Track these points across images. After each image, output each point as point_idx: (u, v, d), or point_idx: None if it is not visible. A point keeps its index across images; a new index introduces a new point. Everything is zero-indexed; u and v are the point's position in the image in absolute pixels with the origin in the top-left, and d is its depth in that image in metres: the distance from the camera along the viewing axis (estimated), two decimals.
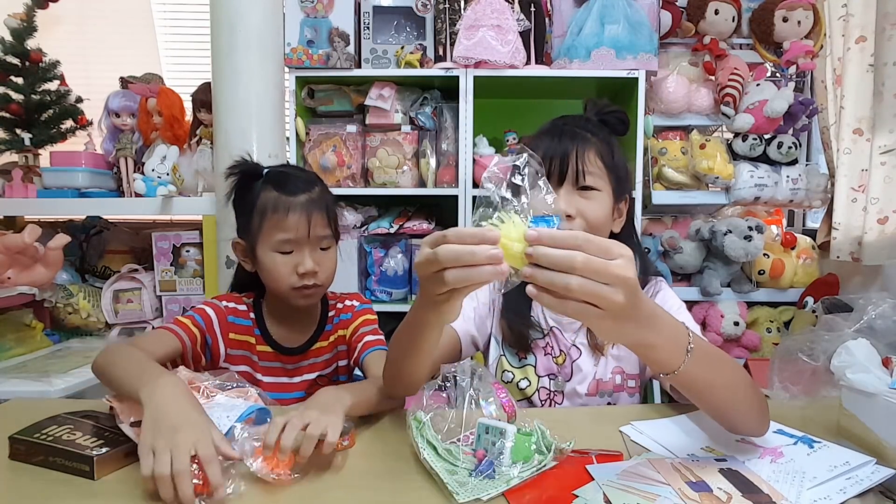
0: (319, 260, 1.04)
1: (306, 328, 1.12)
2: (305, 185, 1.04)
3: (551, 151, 0.92)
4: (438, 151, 1.98)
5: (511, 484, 0.65)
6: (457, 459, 0.70)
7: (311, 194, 1.03)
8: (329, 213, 1.05)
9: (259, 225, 1.02)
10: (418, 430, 0.74)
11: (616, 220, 0.99)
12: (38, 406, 0.92)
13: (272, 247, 1.02)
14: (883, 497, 0.65)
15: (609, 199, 0.94)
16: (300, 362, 1.11)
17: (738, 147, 2.00)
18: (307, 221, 1.00)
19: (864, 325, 0.98)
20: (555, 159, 0.92)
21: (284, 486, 0.67)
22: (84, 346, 1.76)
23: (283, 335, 1.11)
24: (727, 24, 2.02)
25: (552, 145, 0.93)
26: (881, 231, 1.79)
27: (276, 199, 1.01)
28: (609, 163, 0.94)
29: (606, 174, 0.94)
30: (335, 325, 1.14)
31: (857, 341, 0.82)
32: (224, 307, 1.09)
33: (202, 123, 1.98)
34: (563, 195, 0.91)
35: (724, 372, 0.69)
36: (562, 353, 1.00)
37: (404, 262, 1.96)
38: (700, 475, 0.66)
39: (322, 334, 1.13)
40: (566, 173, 0.92)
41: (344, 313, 1.15)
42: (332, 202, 1.07)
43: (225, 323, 1.08)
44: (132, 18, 2.65)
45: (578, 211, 0.91)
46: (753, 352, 2.02)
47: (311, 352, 1.12)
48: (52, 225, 2.02)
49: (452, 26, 1.89)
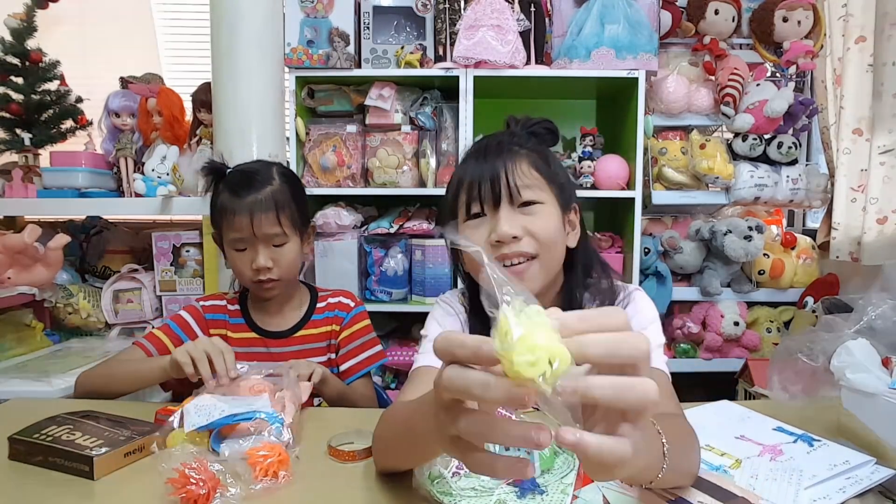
0: (274, 256, 1.09)
1: (291, 313, 1.20)
2: (255, 185, 1.09)
3: (479, 174, 0.83)
4: (438, 151, 1.98)
5: (569, 493, 0.63)
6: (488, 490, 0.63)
7: (260, 194, 1.08)
8: (281, 210, 1.08)
9: (219, 224, 1.12)
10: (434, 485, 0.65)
11: (570, 233, 0.88)
12: (37, 406, 0.92)
13: (229, 244, 1.11)
14: (883, 497, 0.65)
15: (555, 210, 0.85)
16: (286, 347, 1.17)
17: (738, 147, 2.00)
18: (251, 221, 1.06)
19: (863, 325, 0.99)
20: (484, 182, 0.82)
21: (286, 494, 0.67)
22: (84, 346, 1.76)
23: (268, 320, 1.19)
24: (727, 24, 2.02)
25: (478, 167, 0.84)
26: (880, 231, 1.79)
27: (227, 199, 1.09)
28: (546, 172, 0.85)
29: (546, 184, 0.84)
30: (327, 318, 1.20)
31: (856, 341, 0.82)
32: (201, 307, 1.19)
33: (202, 123, 1.98)
34: (504, 217, 0.81)
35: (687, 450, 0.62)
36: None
37: (404, 262, 1.96)
38: (674, 492, 0.64)
39: (309, 322, 1.19)
40: (500, 193, 0.82)
41: (339, 310, 1.21)
42: (289, 199, 1.11)
43: (203, 321, 1.18)
44: (132, 18, 2.65)
45: (524, 230, 0.81)
46: (753, 352, 2.02)
47: (298, 338, 1.18)
48: (52, 225, 2.02)
49: (452, 26, 1.89)
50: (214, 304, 1.21)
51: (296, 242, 1.13)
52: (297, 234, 1.13)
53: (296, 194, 1.14)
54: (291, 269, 1.14)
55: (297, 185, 1.17)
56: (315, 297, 1.23)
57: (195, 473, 0.63)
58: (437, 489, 0.64)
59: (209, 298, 1.23)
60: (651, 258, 1.99)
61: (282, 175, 1.14)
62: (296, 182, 1.17)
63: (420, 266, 1.95)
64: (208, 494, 0.63)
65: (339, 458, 0.75)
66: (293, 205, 1.12)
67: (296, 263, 1.15)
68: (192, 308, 1.19)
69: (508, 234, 0.80)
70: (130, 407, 0.92)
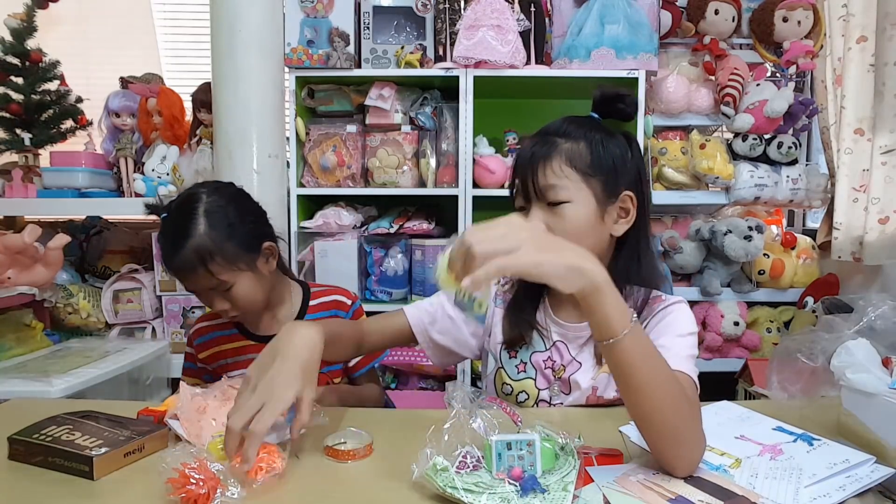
0: (226, 298, 1.06)
1: (283, 315, 1.18)
2: (177, 246, 1.01)
3: (518, 170, 0.91)
4: (438, 151, 1.98)
5: (570, 492, 0.63)
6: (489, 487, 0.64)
7: (180, 256, 1.00)
8: (210, 262, 1.00)
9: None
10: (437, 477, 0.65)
11: (620, 221, 0.90)
12: (37, 406, 0.92)
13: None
14: (882, 497, 0.65)
15: (587, 206, 0.87)
16: None
17: (738, 147, 2.00)
18: (185, 281, 1.05)
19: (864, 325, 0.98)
20: (517, 180, 0.91)
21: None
22: (84, 346, 1.76)
23: (260, 325, 1.17)
24: (727, 24, 2.02)
25: (520, 162, 0.91)
26: (882, 231, 1.79)
27: (162, 258, 1.07)
28: (584, 165, 0.87)
29: (581, 179, 0.87)
30: (322, 318, 1.18)
31: (856, 341, 0.82)
32: (191, 334, 1.20)
33: (202, 123, 1.98)
34: (534, 214, 0.88)
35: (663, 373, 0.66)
36: (562, 367, 0.98)
37: (404, 262, 1.96)
38: (674, 490, 0.64)
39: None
40: (530, 193, 0.88)
41: (336, 309, 1.20)
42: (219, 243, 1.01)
43: (203, 348, 1.18)
44: (132, 18, 2.65)
45: (549, 228, 0.86)
46: (753, 352, 2.02)
47: None
48: (52, 225, 2.02)
49: (452, 26, 1.89)
50: (206, 325, 1.19)
51: (245, 278, 1.05)
52: (243, 268, 1.05)
53: (229, 233, 1.03)
54: (251, 301, 1.08)
55: (228, 220, 1.04)
56: (308, 296, 1.20)
57: (195, 473, 0.63)
58: (440, 481, 0.64)
59: (199, 322, 1.21)
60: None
61: (207, 215, 1.02)
62: (226, 216, 1.04)
63: (420, 266, 1.95)
64: (208, 494, 0.63)
65: (336, 457, 0.75)
66: (225, 246, 1.02)
67: (255, 294, 1.07)
68: (189, 342, 1.21)
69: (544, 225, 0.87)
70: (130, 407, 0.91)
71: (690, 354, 0.86)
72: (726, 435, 0.77)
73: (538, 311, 1.00)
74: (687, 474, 0.67)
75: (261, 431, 0.67)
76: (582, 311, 0.67)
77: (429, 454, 0.66)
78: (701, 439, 0.68)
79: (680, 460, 0.67)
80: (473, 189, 1.90)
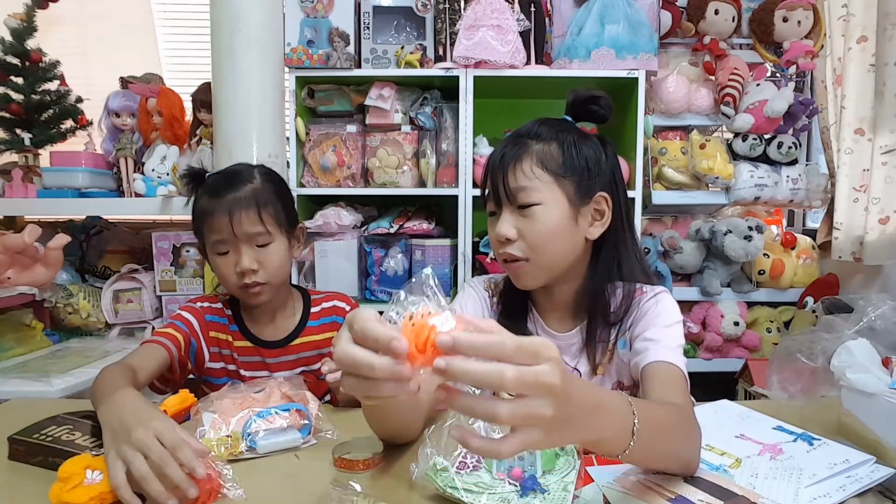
0: (258, 258, 1.02)
1: (284, 322, 1.14)
2: (234, 184, 1.03)
3: (490, 173, 0.90)
4: (438, 151, 1.98)
5: (570, 492, 0.63)
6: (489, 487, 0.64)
7: (239, 192, 1.02)
8: (262, 207, 1.02)
9: (199, 229, 1.06)
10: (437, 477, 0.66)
11: (595, 223, 0.89)
12: (37, 406, 0.92)
13: (211, 249, 1.05)
14: (882, 497, 0.65)
15: (559, 208, 0.85)
16: (281, 356, 1.12)
17: (738, 147, 2.00)
18: (231, 220, 1.00)
19: (864, 325, 0.99)
20: (488, 183, 0.90)
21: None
22: (84, 346, 1.76)
23: (261, 329, 1.13)
24: (727, 24, 2.02)
25: (491, 165, 0.90)
26: (882, 231, 1.79)
27: (205, 201, 1.04)
28: (556, 168, 0.86)
29: (553, 181, 0.85)
30: (323, 325, 1.15)
31: (857, 341, 0.82)
32: (200, 307, 1.12)
33: (202, 123, 1.98)
34: (504, 218, 0.87)
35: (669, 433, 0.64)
36: None
37: (404, 262, 1.96)
38: (674, 490, 0.64)
39: (305, 330, 1.14)
40: (500, 196, 0.87)
41: (336, 315, 1.16)
42: (272, 197, 1.05)
43: (204, 323, 1.11)
44: (132, 18, 2.64)
45: (519, 232, 0.86)
46: (753, 352, 2.02)
47: (294, 347, 1.13)
48: (52, 225, 2.02)
49: (452, 26, 1.89)
50: (211, 306, 1.13)
51: (282, 243, 1.06)
52: (282, 233, 1.06)
53: (280, 193, 1.08)
54: (278, 273, 1.06)
55: (281, 185, 1.10)
56: (308, 302, 1.17)
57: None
58: (440, 481, 0.64)
59: (204, 300, 1.14)
60: (651, 258, 1.99)
61: (264, 174, 1.08)
62: (280, 182, 1.11)
63: (420, 266, 1.95)
64: (208, 494, 0.63)
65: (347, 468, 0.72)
66: (277, 203, 1.05)
67: (283, 266, 1.07)
68: (192, 308, 1.11)
69: (504, 235, 0.86)
70: None
71: (678, 344, 0.86)
72: (726, 434, 0.77)
73: (528, 322, 0.98)
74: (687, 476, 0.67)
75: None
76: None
77: (429, 454, 0.66)
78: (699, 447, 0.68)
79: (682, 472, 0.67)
80: (473, 189, 1.90)
